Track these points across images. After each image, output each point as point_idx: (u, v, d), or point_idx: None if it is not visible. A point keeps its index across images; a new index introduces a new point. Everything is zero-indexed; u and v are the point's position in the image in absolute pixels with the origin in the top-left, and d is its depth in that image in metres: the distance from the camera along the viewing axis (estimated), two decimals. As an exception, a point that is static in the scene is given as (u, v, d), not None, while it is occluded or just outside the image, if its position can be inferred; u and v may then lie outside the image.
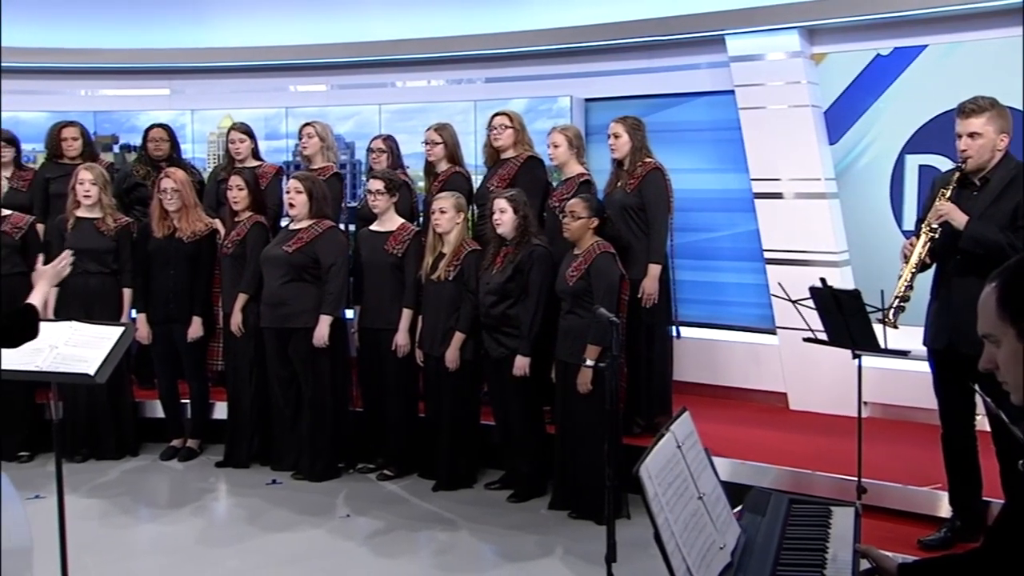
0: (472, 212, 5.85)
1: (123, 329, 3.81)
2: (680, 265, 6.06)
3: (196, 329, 5.88)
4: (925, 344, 4.07)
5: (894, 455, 4.91)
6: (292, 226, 5.66)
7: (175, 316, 5.88)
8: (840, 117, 5.96)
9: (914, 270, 3.88)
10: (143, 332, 5.87)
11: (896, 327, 3.89)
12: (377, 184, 5.58)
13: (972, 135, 3.84)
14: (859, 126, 5.92)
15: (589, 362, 4.77)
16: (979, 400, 3.74)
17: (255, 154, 6.45)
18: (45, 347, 3.62)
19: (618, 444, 4.62)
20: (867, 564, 2.18)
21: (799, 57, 5.89)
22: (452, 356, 5.31)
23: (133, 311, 5.96)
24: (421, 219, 6.04)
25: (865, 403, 4.61)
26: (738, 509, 2.48)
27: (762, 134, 6.04)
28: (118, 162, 7.38)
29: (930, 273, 4.02)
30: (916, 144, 5.72)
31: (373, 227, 5.68)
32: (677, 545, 1.94)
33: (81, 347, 3.70)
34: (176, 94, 7.92)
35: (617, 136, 5.50)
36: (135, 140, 7.19)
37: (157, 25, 7.53)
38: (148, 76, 7.86)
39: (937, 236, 3.85)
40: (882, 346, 4.02)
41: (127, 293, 5.91)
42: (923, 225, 3.91)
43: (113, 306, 5.84)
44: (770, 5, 5.87)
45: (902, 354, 4.12)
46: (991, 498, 4.06)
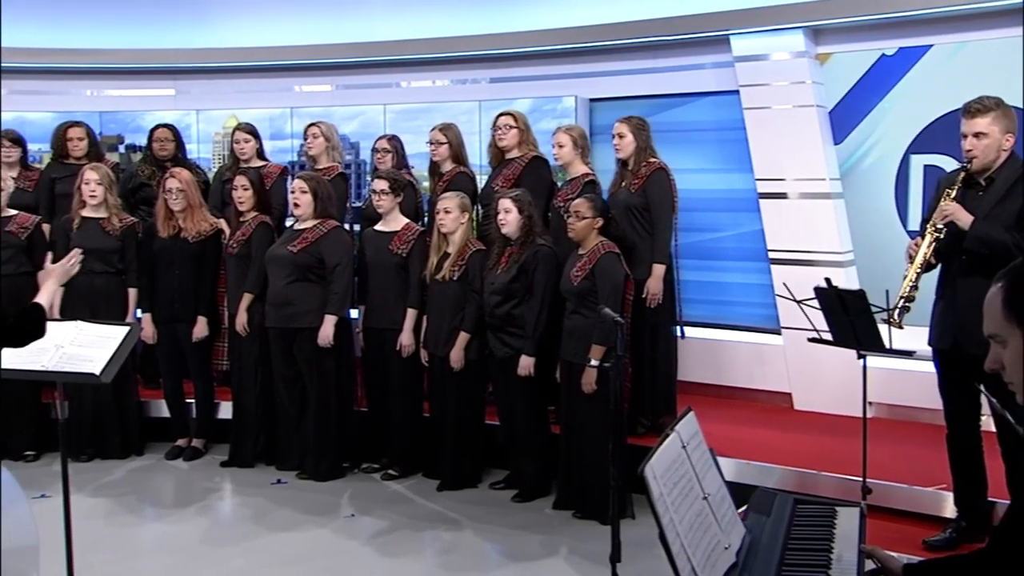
0: (477, 212, 5.85)
1: (128, 329, 3.82)
2: (685, 265, 6.06)
3: (201, 329, 5.89)
4: (930, 344, 4.06)
5: (899, 455, 4.90)
6: (297, 226, 5.67)
7: (180, 316, 5.89)
8: (845, 117, 5.96)
9: (919, 270, 3.87)
10: (148, 332, 5.89)
11: (901, 327, 3.88)
12: (382, 184, 5.59)
13: (977, 135, 3.84)
14: (864, 126, 5.92)
15: (594, 362, 4.76)
16: (984, 400, 3.74)
17: (260, 154, 6.46)
18: (51, 347, 3.63)
19: (623, 444, 4.62)
20: (872, 564, 2.18)
21: (804, 57, 5.89)
22: (457, 356, 5.31)
23: (138, 311, 5.97)
24: (426, 219, 6.05)
25: (870, 403, 4.60)
26: (743, 509, 2.48)
27: (767, 134, 6.04)
28: (123, 162, 7.39)
29: (935, 273, 4.01)
30: (921, 144, 5.71)
31: (378, 227, 5.68)
32: (682, 545, 1.94)
33: (86, 347, 3.71)
34: (181, 94, 7.94)
35: (621, 136, 5.50)
36: (140, 140, 7.21)
37: (162, 26, 7.55)
38: (153, 76, 7.88)
39: (942, 236, 3.84)
40: (887, 346, 4.01)
41: (132, 293, 5.92)
42: (928, 225, 3.90)
43: (118, 306, 5.85)
44: (775, 5, 5.87)
45: (907, 354, 4.12)
46: (996, 499, 4.05)
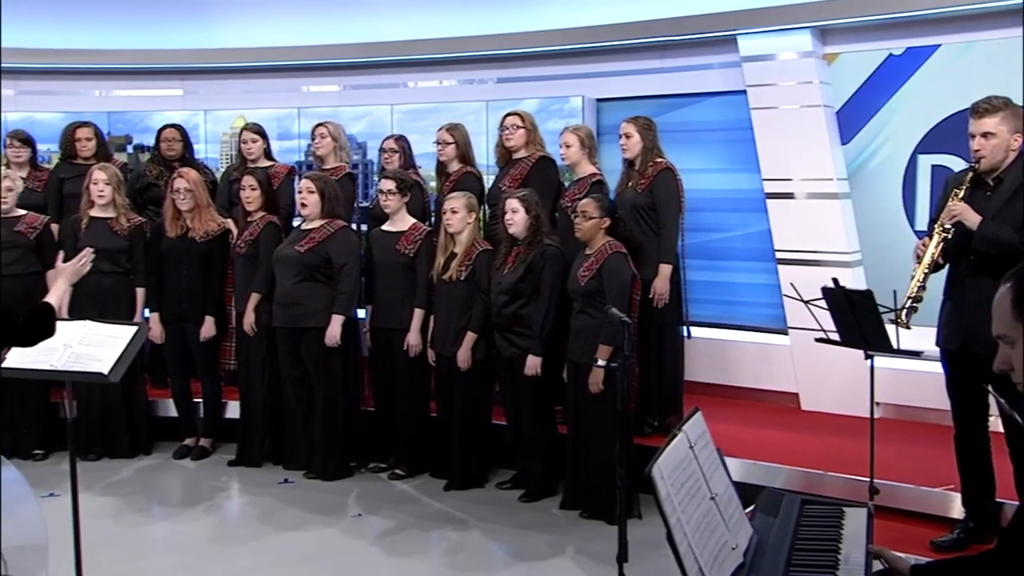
0: (484, 212, 5.86)
1: (136, 328, 3.83)
2: (691, 265, 6.05)
3: (209, 329, 5.90)
4: (938, 345, 4.05)
5: (907, 456, 4.89)
6: (304, 226, 5.68)
7: (188, 316, 5.91)
8: (852, 117, 5.94)
9: (927, 270, 3.86)
10: (156, 331, 5.90)
11: (909, 327, 3.87)
12: (389, 184, 5.60)
13: (986, 135, 3.82)
14: (871, 126, 5.90)
15: (601, 362, 4.77)
16: (992, 401, 3.74)
17: (267, 154, 6.47)
18: (59, 346, 3.64)
19: (630, 444, 4.62)
20: (880, 565, 2.18)
21: (811, 57, 5.88)
22: (464, 356, 5.31)
23: (146, 310, 5.99)
24: (433, 219, 6.05)
25: (877, 404, 4.59)
26: (750, 509, 2.47)
27: (774, 134, 6.03)
28: (131, 162, 7.42)
29: (943, 273, 4.00)
30: (929, 144, 5.70)
31: (385, 227, 5.69)
32: (689, 545, 1.94)
33: (95, 346, 3.72)
34: (189, 95, 7.95)
35: (628, 136, 5.50)
36: (148, 140, 7.22)
37: (170, 26, 7.56)
38: (161, 77, 7.90)
39: (950, 236, 3.83)
40: (895, 347, 4.00)
41: (140, 293, 5.94)
42: (936, 225, 3.89)
43: (126, 306, 5.87)
44: (782, 5, 5.86)
45: (915, 355, 4.10)
46: (1004, 499, 4.04)
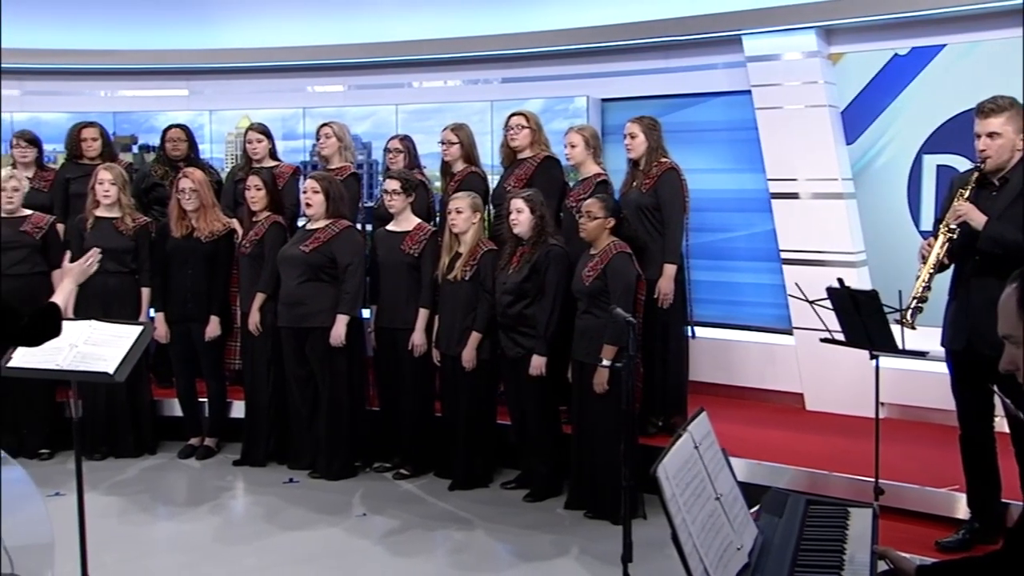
0: (489, 212, 5.86)
1: (142, 328, 3.83)
2: (696, 265, 6.06)
3: (214, 328, 5.91)
4: (943, 345, 4.05)
5: (912, 456, 4.89)
6: (309, 226, 5.69)
7: (193, 315, 5.92)
8: (857, 117, 5.94)
9: (932, 270, 3.86)
10: (161, 331, 5.92)
11: (914, 328, 3.87)
12: (393, 184, 5.60)
13: (991, 135, 3.82)
14: (876, 126, 5.90)
15: (605, 362, 4.77)
16: (998, 401, 3.74)
17: (272, 154, 6.48)
18: (65, 346, 3.65)
19: (634, 444, 4.62)
20: (885, 565, 2.18)
21: (816, 57, 5.88)
22: (469, 356, 5.32)
23: (151, 310, 6.00)
24: (437, 219, 6.05)
25: (882, 404, 4.59)
26: (755, 510, 2.48)
27: (779, 134, 6.03)
28: (137, 162, 7.43)
29: (948, 274, 3.99)
30: (934, 144, 5.69)
31: (390, 227, 5.69)
32: (695, 546, 1.94)
33: (100, 346, 3.73)
34: (194, 95, 7.97)
35: (633, 136, 5.50)
36: (154, 140, 7.25)
37: (176, 26, 7.58)
38: (167, 77, 7.91)
39: (955, 236, 3.83)
40: (900, 347, 4.00)
41: (145, 292, 5.95)
42: (941, 225, 3.89)
43: (131, 305, 5.88)
44: (787, 5, 5.86)
45: (920, 355, 4.10)
46: (1010, 500, 4.04)
